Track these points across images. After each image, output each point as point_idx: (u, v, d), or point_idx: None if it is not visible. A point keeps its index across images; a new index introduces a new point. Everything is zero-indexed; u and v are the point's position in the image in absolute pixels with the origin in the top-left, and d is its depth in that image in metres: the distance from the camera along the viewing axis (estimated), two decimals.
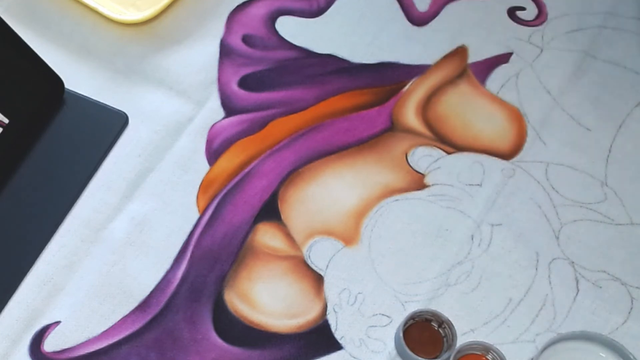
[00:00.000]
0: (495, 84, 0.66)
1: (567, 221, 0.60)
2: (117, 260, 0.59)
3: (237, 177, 0.62)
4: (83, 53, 0.68)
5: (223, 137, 0.64)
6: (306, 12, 0.70)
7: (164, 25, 0.70)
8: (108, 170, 0.63)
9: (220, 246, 0.60)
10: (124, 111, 0.65)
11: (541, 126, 0.64)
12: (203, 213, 0.61)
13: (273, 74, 0.67)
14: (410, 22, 0.70)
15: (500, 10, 0.70)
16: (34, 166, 0.63)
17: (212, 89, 0.66)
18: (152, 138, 0.64)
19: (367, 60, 0.68)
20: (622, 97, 0.65)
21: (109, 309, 0.58)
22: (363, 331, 0.56)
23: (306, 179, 0.62)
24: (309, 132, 0.64)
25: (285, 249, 0.60)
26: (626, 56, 0.67)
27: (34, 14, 0.70)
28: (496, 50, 0.68)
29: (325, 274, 0.59)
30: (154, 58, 0.68)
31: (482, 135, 0.64)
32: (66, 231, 0.61)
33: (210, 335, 0.56)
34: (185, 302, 0.58)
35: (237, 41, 0.69)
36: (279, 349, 0.56)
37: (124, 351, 0.56)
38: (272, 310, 0.57)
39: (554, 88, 0.65)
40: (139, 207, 0.62)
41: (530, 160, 0.62)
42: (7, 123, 0.61)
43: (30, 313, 0.58)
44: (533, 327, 0.56)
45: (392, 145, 0.64)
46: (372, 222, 0.60)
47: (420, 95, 0.66)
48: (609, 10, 0.69)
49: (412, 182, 0.62)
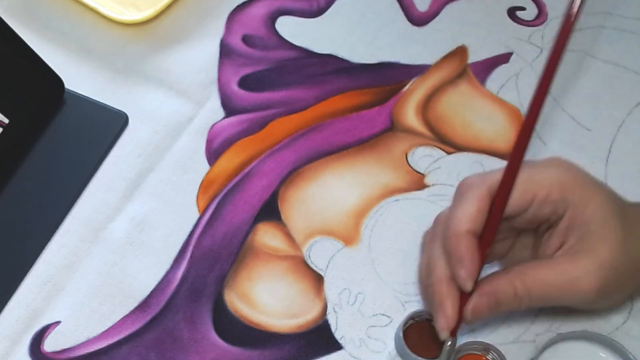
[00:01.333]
0: (495, 84, 0.66)
1: None
2: (117, 260, 0.59)
3: (237, 177, 0.62)
4: (83, 53, 0.68)
5: (223, 137, 0.64)
6: (306, 12, 0.70)
7: (164, 25, 0.70)
8: (108, 170, 0.63)
9: (220, 246, 0.60)
10: (124, 111, 0.65)
11: (541, 126, 0.64)
12: (203, 213, 0.61)
13: (273, 74, 0.67)
14: (410, 22, 0.70)
15: (500, 10, 0.70)
16: (34, 166, 0.63)
17: (212, 89, 0.67)
18: (152, 138, 0.64)
19: (367, 60, 0.68)
20: (622, 97, 0.65)
21: (109, 309, 0.58)
22: (363, 331, 0.56)
23: (306, 178, 0.62)
24: (309, 132, 0.64)
25: (285, 249, 0.60)
26: (626, 56, 0.67)
27: (34, 14, 0.70)
28: (496, 50, 0.68)
29: (325, 274, 0.59)
30: (154, 58, 0.68)
31: (482, 135, 0.64)
32: (66, 231, 0.61)
33: (210, 335, 0.56)
34: (185, 302, 0.58)
35: (237, 41, 0.69)
36: (279, 349, 0.56)
37: (124, 351, 0.56)
38: (272, 310, 0.57)
39: (554, 88, 0.65)
40: (139, 207, 0.62)
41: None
42: (7, 123, 0.61)
43: (30, 313, 0.58)
44: (533, 327, 0.56)
45: (392, 145, 0.64)
46: (372, 222, 0.60)
47: (420, 95, 0.66)
48: (609, 10, 0.69)
49: (412, 182, 0.62)
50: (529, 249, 0.52)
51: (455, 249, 0.46)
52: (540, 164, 0.49)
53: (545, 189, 0.47)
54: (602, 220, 0.47)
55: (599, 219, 0.47)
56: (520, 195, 0.47)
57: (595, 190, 0.48)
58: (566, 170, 0.48)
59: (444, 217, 0.50)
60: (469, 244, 0.46)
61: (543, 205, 0.47)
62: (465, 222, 0.46)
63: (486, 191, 0.47)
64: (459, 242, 0.46)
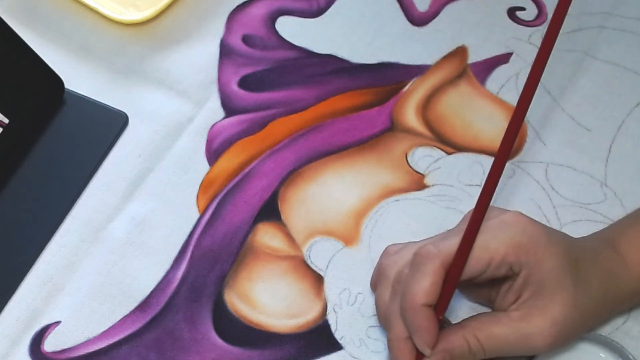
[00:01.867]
0: (495, 84, 0.66)
1: (566, 221, 0.60)
2: (117, 260, 0.59)
3: (237, 177, 0.62)
4: (83, 53, 0.68)
5: (223, 137, 0.64)
6: (306, 12, 0.70)
7: (164, 25, 0.70)
8: (108, 170, 0.63)
9: (220, 246, 0.60)
10: (124, 111, 0.65)
11: (541, 126, 0.64)
12: (203, 213, 0.61)
13: (273, 74, 0.67)
14: (410, 22, 0.70)
15: (500, 10, 0.70)
16: (34, 166, 0.63)
17: (212, 89, 0.66)
18: (152, 138, 0.64)
19: (367, 60, 0.68)
20: (622, 97, 0.65)
21: (109, 309, 0.58)
22: (363, 331, 0.56)
23: (306, 179, 0.62)
24: (309, 132, 0.64)
25: (285, 249, 0.60)
26: (626, 56, 0.67)
27: (34, 14, 0.70)
28: (496, 50, 0.68)
29: (325, 274, 0.59)
30: (154, 58, 0.68)
31: (482, 135, 0.64)
32: (66, 231, 0.61)
33: (210, 335, 0.56)
34: (185, 302, 0.58)
35: (237, 41, 0.69)
36: (279, 349, 0.56)
37: (124, 351, 0.56)
38: (272, 310, 0.57)
39: (554, 88, 0.65)
40: (139, 207, 0.62)
41: (530, 161, 0.62)
42: (7, 123, 0.61)
43: (30, 313, 0.58)
44: None
45: (392, 145, 0.64)
46: (372, 222, 0.60)
47: (420, 95, 0.66)
48: (609, 10, 0.69)
49: (412, 182, 0.62)
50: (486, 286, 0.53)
51: (412, 321, 0.49)
52: (496, 224, 0.50)
53: (500, 254, 0.49)
54: (555, 279, 0.49)
55: (552, 279, 0.49)
56: (475, 263, 0.49)
57: (550, 250, 0.49)
58: (521, 232, 0.50)
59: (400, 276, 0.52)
60: (425, 315, 0.49)
61: (499, 268, 0.49)
62: (421, 297, 0.49)
63: (440, 264, 0.49)
64: (416, 315, 0.49)
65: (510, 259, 0.49)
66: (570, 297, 0.49)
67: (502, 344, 0.50)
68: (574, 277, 0.50)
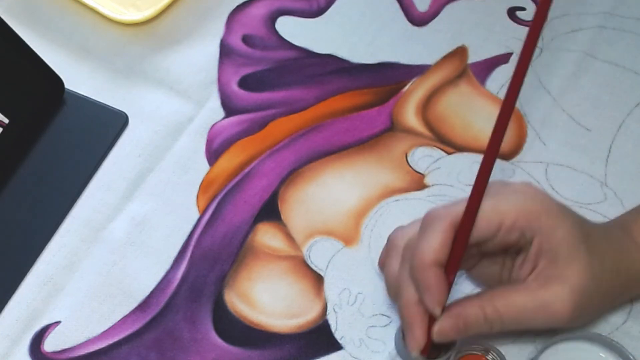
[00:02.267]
0: (495, 84, 0.66)
1: None
2: (117, 260, 0.59)
3: (237, 177, 0.62)
4: (83, 53, 0.68)
5: (223, 137, 0.64)
6: (306, 12, 0.70)
7: (164, 25, 0.70)
8: (108, 170, 0.63)
9: (220, 246, 0.60)
10: (124, 111, 0.65)
11: (541, 126, 0.64)
12: (203, 213, 0.61)
13: (273, 74, 0.67)
14: (410, 22, 0.70)
15: (500, 10, 0.70)
16: (33, 166, 0.63)
17: (212, 89, 0.67)
18: (152, 138, 0.64)
19: (367, 60, 0.68)
20: (622, 97, 0.65)
21: (109, 309, 0.58)
22: (363, 331, 0.56)
23: (306, 179, 0.62)
24: (309, 132, 0.64)
25: (285, 249, 0.60)
26: (626, 56, 0.67)
27: (34, 14, 0.70)
28: (496, 50, 0.68)
29: (325, 274, 0.59)
30: (154, 58, 0.68)
31: (482, 135, 0.64)
32: (66, 231, 0.61)
33: (210, 335, 0.56)
34: (185, 302, 0.58)
35: (237, 41, 0.69)
36: (279, 349, 0.56)
37: (124, 351, 0.56)
38: (272, 310, 0.57)
39: (554, 88, 0.65)
40: (139, 207, 0.62)
41: (530, 161, 0.62)
42: (7, 123, 0.61)
43: (30, 313, 0.58)
44: None
45: (392, 145, 0.64)
46: (372, 222, 0.60)
47: (420, 95, 0.66)
48: (609, 10, 0.69)
49: (412, 182, 0.62)
50: (498, 264, 0.53)
51: (422, 279, 0.48)
52: (507, 190, 0.50)
53: (511, 217, 0.48)
54: (570, 247, 0.49)
55: (566, 246, 0.49)
56: (486, 224, 0.48)
57: (562, 218, 0.49)
58: (532, 198, 0.49)
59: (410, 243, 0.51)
60: (435, 273, 0.48)
61: (510, 232, 0.49)
62: (430, 254, 0.48)
63: (449, 223, 0.49)
64: (425, 273, 0.48)
65: (521, 224, 0.48)
66: (586, 266, 0.48)
67: (520, 312, 0.49)
68: (589, 248, 0.49)
